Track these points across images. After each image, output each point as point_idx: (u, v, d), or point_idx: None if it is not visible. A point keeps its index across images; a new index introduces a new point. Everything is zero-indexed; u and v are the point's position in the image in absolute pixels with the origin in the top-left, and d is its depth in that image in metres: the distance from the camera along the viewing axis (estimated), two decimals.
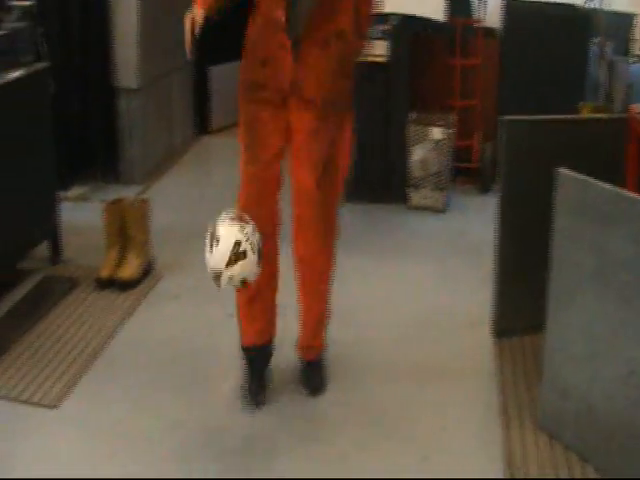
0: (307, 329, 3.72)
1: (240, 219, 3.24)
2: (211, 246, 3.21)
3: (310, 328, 3.72)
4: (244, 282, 3.23)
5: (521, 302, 3.96)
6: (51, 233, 4.77)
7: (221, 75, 7.34)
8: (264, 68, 3.38)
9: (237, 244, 3.16)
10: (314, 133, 3.38)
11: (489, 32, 6.03)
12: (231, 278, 3.18)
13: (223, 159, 6.86)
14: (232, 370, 3.84)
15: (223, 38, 7.13)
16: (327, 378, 3.76)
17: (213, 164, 6.99)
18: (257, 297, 3.60)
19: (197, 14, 3.28)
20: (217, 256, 3.18)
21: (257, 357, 3.71)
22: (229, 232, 3.20)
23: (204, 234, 5.06)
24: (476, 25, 5.96)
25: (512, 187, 3.94)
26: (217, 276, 3.19)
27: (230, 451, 3.34)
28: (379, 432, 3.45)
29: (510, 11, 5.86)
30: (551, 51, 5.77)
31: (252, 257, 3.18)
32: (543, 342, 3.37)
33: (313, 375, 3.75)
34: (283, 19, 3.29)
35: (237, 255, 3.16)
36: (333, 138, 3.42)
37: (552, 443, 3.29)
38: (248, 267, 3.19)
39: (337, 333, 3.91)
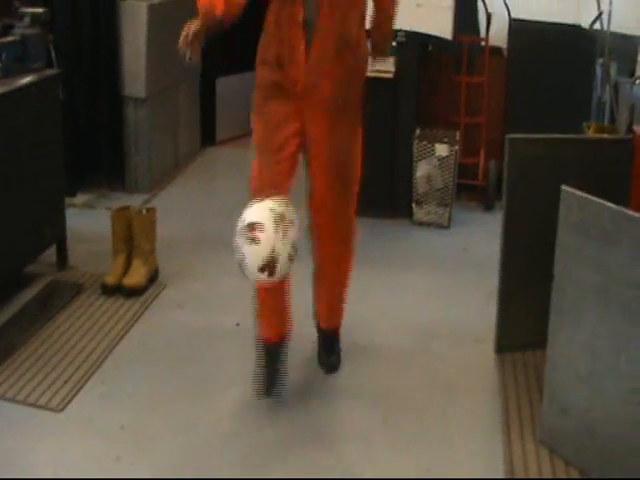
0: (326, 306, 3.94)
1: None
2: (252, 239, 3.15)
3: (328, 306, 3.95)
4: (291, 257, 3.20)
5: (524, 318, 3.98)
6: (58, 238, 4.80)
7: (228, 87, 7.38)
8: (281, 69, 3.50)
9: (280, 215, 3.17)
10: (328, 138, 3.49)
11: (496, 51, 6.07)
12: (290, 253, 3.17)
13: (228, 170, 6.91)
14: (238, 376, 3.88)
15: (230, 50, 7.22)
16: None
17: (218, 175, 7.02)
18: (269, 297, 3.68)
19: (196, 23, 3.50)
20: (267, 239, 3.14)
21: (270, 353, 3.75)
22: (261, 210, 3.21)
23: (208, 243, 5.18)
24: (483, 43, 6.01)
25: (516, 204, 3.97)
26: (274, 261, 3.14)
27: (238, 455, 3.38)
28: (382, 442, 3.48)
29: (516, 30, 5.90)
30: (557, 71, 5.81)
31: (293, 218, 3.23)
32: (545, 358, 3.40)
33: (329, 348, 3.94)
34: (301, 16, 3.42)
35: (285, 226, 3.16)
36: (346, 146, 3.53)
37: (553, 457, 3.32)
38: (295, 231, 3.22)
39: (342, 343, 3.96)
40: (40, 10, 4.74)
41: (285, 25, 3.46)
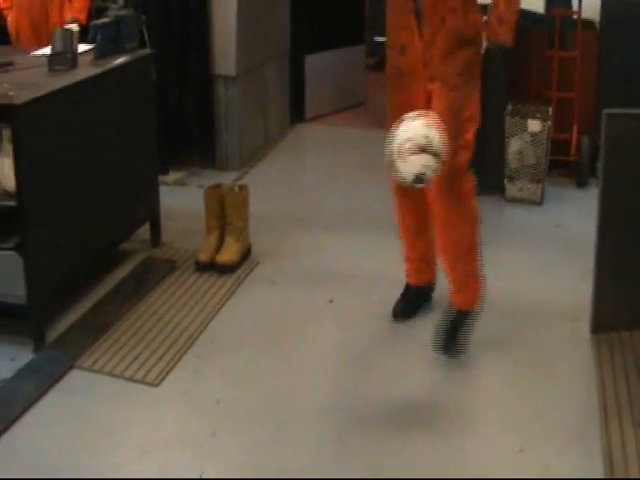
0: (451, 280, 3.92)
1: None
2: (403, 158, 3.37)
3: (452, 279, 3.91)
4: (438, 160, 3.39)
5: (621, 297, 3.92)
6: (152, 216, 4.87)
7: (317, 64, 7.39)
8: (403, 55, 3.72)
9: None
10: (445, 99, 3.65)
11: (588, 24, 5.96)
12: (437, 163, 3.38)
13: (318, 147, 6.95)
14: (332, 352, 3.92)
15: (319, 27, 7.23)
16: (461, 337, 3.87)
17: (308, 152, 7.05)
18: (412, 249, 4.10)
19: None
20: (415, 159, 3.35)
21: (411, 293, 4.21)
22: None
23: (299, 221, 5.21)
24: (575, 17, 5.91)
25: (613, 181, 3.90)
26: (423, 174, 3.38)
27: (333, 432, 3.39)
28: (478, 419, 3.48)
29: (609, 3, 5.78)
30: None
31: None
32: None
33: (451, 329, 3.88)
34: (412, 4, 3.63)
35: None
36: (462, 104, 3.67)
37: None
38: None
39: (435, 319, 3.95)
40: None
41: (399, 13, 3.70)
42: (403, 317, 4.15)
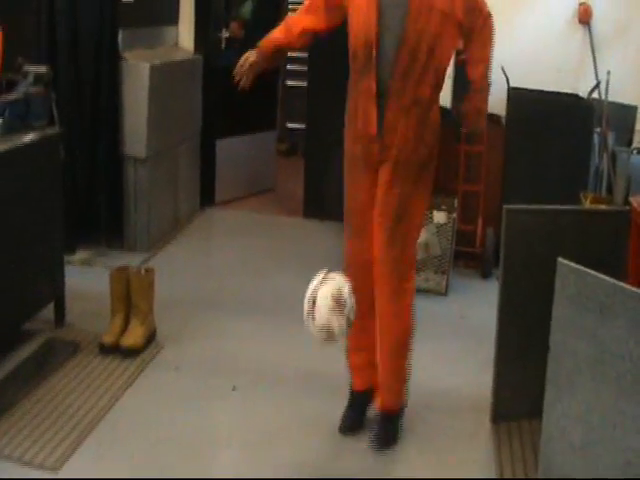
0: (383, 381, 3.93)
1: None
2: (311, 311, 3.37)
3: (385, 380, 3.93)
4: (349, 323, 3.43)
5: (521, 387, 4.00)
6: (56, 296, 4.81)
7: (228, 149, 7.46)
8: (359, 142, 3.68)
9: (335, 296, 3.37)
10: (389, 186, 3.66)
11: (494, 119, 6.13)
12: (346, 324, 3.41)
13: (227, 231, 6.97)
14: (233, 440, 3.89)
15: (231, 113, 7.31)
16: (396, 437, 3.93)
17: (217, 236, 7.06)
18: (364, 350, 3.96)
19: (253, 53, 3.71)
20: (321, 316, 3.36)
21: (359, 399, 4.03)
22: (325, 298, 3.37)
23: (205, 305, 5.20)
24: None
25: (513, 274, 4.00)
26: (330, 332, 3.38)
27: None
28: None
29: (515, 99, 5.97)
30: (555, 139, 5.86)
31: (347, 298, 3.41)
32: (540, 429, 3.41)
33: (381, 427, 3.92)
34: (374, 89, 3.58)
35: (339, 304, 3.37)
36: (404, 201, 3.70)
37: None
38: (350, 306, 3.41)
39: (336, 407, 3.96)
40: (43, 69, 4.79)
41: (361, 98, 3.64)
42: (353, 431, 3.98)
